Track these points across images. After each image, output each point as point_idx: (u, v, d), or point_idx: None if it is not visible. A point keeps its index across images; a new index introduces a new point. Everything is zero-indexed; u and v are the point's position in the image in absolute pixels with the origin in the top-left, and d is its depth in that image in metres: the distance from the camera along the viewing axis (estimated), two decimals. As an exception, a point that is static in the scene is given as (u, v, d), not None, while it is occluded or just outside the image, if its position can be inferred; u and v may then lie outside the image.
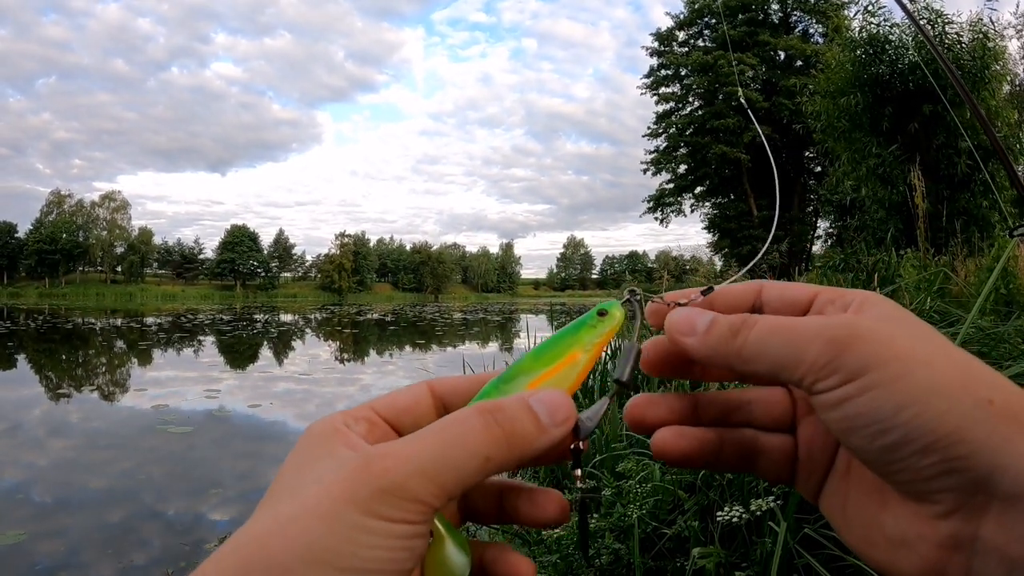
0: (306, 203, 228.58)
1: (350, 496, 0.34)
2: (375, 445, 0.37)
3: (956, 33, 12.41)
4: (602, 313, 0.45)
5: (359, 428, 0.40)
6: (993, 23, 12.93)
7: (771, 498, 2.17)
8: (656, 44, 42.82)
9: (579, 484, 0.44)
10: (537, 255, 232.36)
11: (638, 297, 0.47)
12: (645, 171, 43.41)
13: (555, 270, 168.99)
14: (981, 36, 12.52)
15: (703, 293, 0.47)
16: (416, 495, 0.34)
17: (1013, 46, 18.95)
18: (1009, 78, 15.20)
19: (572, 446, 0.42)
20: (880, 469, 0.37)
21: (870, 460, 0.37)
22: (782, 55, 40.75)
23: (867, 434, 0.35)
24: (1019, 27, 19.41)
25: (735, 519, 2.15)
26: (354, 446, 0.38)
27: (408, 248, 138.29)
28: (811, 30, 40.92)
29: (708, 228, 41.80)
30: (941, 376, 0.35)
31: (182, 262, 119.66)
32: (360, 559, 0.33)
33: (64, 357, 16.41)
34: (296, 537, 0.33)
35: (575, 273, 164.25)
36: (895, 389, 0.34)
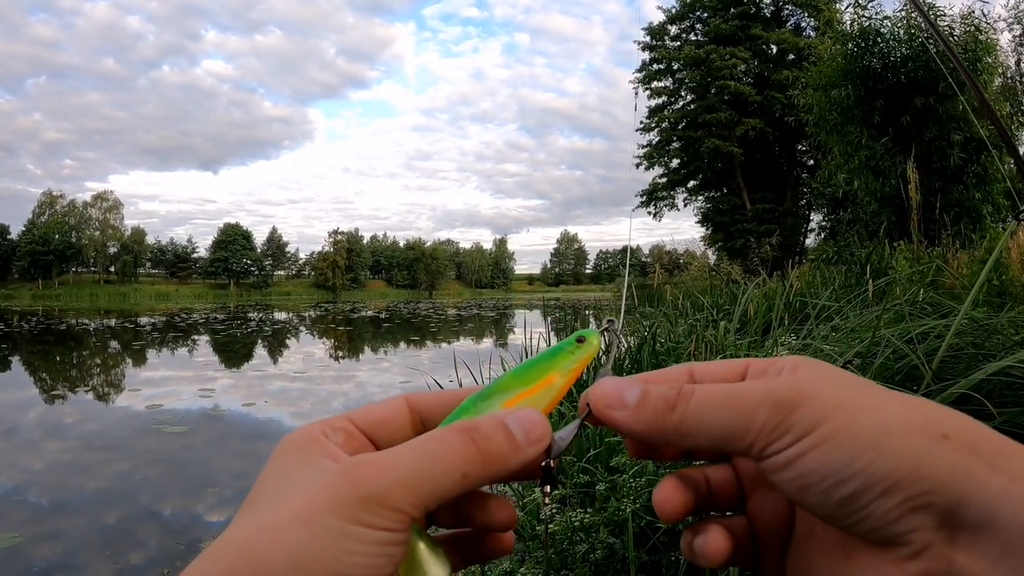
0: (299, 201, 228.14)
1: (333, 503, 0.34)
2: (356, 456, 0.38)
3: (948, 26, 12.46)
4: (581, 340, 0.46)
5: (337, 438, 0.41)
6: (984, 16, 12.97)
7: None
8: (648, 38, 42.83)
9: (546, 500, 0.45)
10: (531, 250, 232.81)
11: (616, 327, 0.49)
12: (638, 165, 43.53)
13: (549, 265, 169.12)
14: (973, 29, 12.57)
15: (606, 326, 0.48)
16: (396, 504, 0.35)
17: (1004, 39, 19.01)
18: (1001, 71, 15.26)
19: (543, 463, 0.42)
20: (842, 522, 0.36)
21: (830, 515, 0.36)
22: (774, 49, 40.78)
23: (824, 488, 0.35)
24: (1010, 20, 19.45)
25: (729, 512, 2.16)
26: (334, 456, 0.39)
27: (402, 245, 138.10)
28: (803, 24, 40.96)
29: (701, 222, 41.88)
30: (891, 418, 0.35)
31: (175, 261, 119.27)
32: (342, 564, 0.34)
33: (58, 359, 16.37)
34: (281, 544, 0.33)
35: (569, 268, 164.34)
36: (846, 438, 0.34)
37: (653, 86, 42.57)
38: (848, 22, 13.87)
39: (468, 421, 0.39)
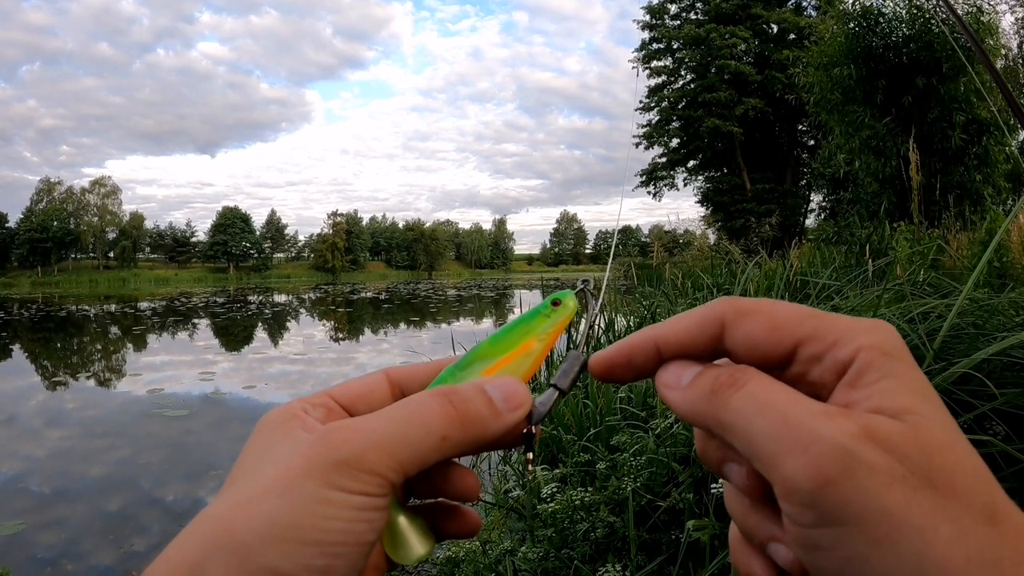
0: (297, 183, 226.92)
1: (308, 469, 0.34)
2: (331, 422, 0.38)
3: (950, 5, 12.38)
4: (556, 303, 0.46)
5: (316, 414, 0.41)
6: (987, -2, 12.92)
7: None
8: (648, 17, 42.63)
9: (530, 467, 0.45)
10: (530, 230, 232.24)
11: (591, 287, 0.48)
12: (637, 145, 43.45)
13: (548, 245, 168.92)
14: (975, 10, 12.51)
15: (581, 286, 0.47)
16: (373, 467, 0.35)
17: (1007, 21, 18.95)
18: (1003, 52, 15.20)
19: (524, 431, 0.42)
20: None
21: None
22: (775, 28, 40.62)
23: None
24: (1012, 3, 19.36)
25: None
26: (312, 429, 0.38)
27: (401, 226, 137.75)
28: (804, 2, 40.78)
29: (701, 202, 41.86)
30: (933, 554, 0.28)
31: (174, 246, 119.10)
32: (320, 531, 0.33)
33: (59, 345, 16.41)
34: (256, 515, 0.33)
35: (569, 248, 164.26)
36: (873, 558, 0.29)
37: (653, 65, 42.43)
38: (850, 1, 13.81)
39: (446, 386, 0.39)
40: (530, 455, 0.43)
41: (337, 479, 0.34)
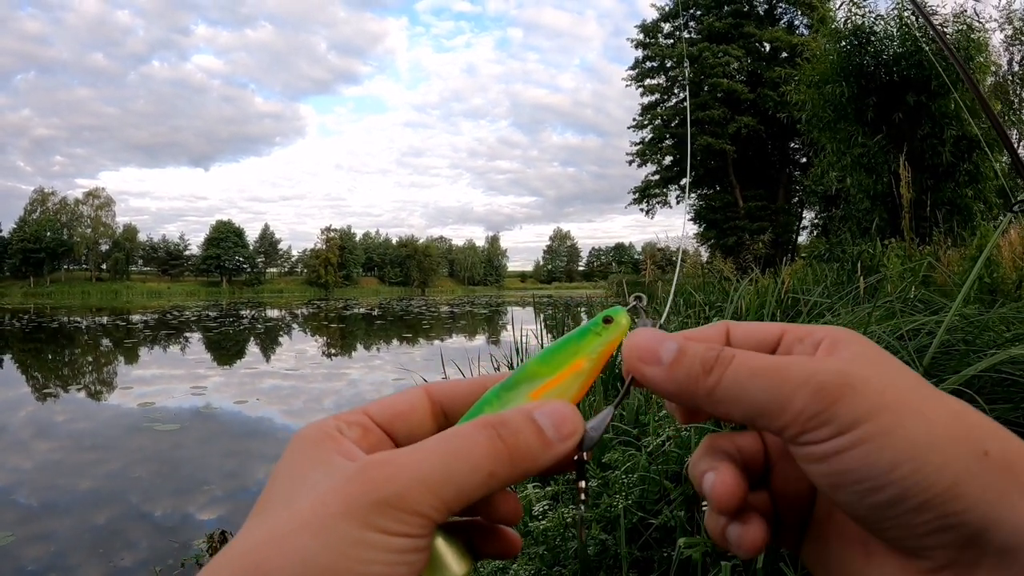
0: (291, 197, 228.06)
1: (346, 508, 0.32)
2: (373, 454, 0.36)
3: (940, 24, 12.48)
4: (607, 320, 0.43)
5: (352, 433, 0.39)
6: (977, 15, 13.02)
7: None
8: (641, 36, 42.84)
9: (582, 497, 0.43)
10: (524, 247, 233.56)
11: (643, 304, 0.45)
12: (631, 163, 43.56)
13: (541, 262, 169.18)
14: (965, 27, 12.62)
15: (634, 303, 0.45)
16: (416, 507, 0.33)
17: (996, 39, 19.09)
18: (993, 69, 15.31)
19: (576, 457, 0.40)
20: (869, 525, 0.35)
21: (859, 516, 0.35)
22: (767, 46, 40.87)
23: (858, 491, 0.33)
24: (1002, 20, 19.51)
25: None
26: (349, 454, 0.37)
27: (394, 242, 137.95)
28: (796, 21, 41.06)
29: (694, 219, 41.93)
30: (937, 427, 0.33)
31: (167, 259, 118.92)
32: (357, 575, 0.31)
33: (50, 357, 16.32)
34: (289, 553, 0.31)
35: (562, 265, 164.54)
36: (890, 442, 0.32)
37: (646, 83, 42.63)
38: (841, 20, 13.91)
39: (494, 416, 0.37)
40: (582, 483, 0.42)
41: (377, 520, 0.32)
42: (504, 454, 0.36)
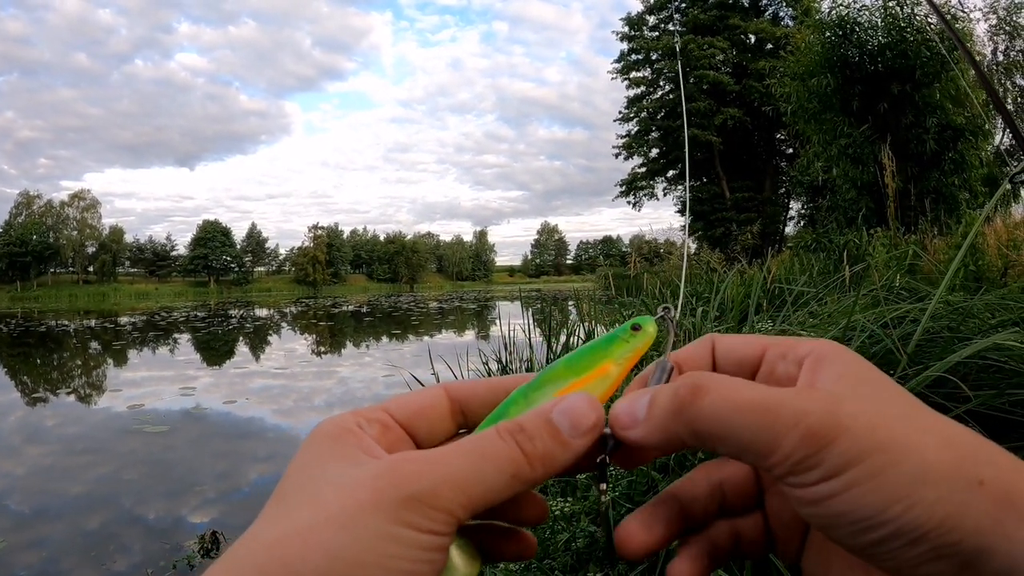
0: (277, 196, 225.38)
1: (376, 502, 0.33)
2: (403, 452, 0.37)
3: (925, 15, 12.55)
4: (636, 328, 0.44)
5: (372, 430, 0.39)
6: (962, 5, 13.10)
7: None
8: (626, 28, 42.88)
9: (603, 498, 0.43)
10: (511, 242, 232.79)
11: (672, 315, 0.46)
12: (617, 155, 43.68)
13: (530, 256, 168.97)
14: (950, 18, 12.69)
15: (662, 314, 0.46)
16: (446, 504, 0.34)
17: (981, 28, 19.20)
18: (977, 59, 15.39)
19: (599, 459, 0.41)
20: (864, 558, 0.34)
21: (853, 550, 0.34)
22: (752, 38, 40.96)
23: (851, 531, 0.33)
24: (986, 10, 19.63)
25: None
26: (370, 450, 0.37)
27: (382, 238, 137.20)
28: (781, 13, 41.14)
29: (681, 211, 42.05)
30: (929, 461, 0.32)
31: (154, 260, 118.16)
32: (384, 570, 0.32)
33: (38, 361, 16.22)
34: (316, 546, 0.32)
35: (550, 259, 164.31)
36: (881, 483, 0.32)
37: (632, 76, 42.69)
38: (826, 11, 13.96)
39: (512, 422, 0.38)
40: (604, 486, 0.42)
41: (406, 515, 0.33)
42: (522, 460, 0.36)
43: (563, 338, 6.61)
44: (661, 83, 42.18)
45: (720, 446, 0.35)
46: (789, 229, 36.37)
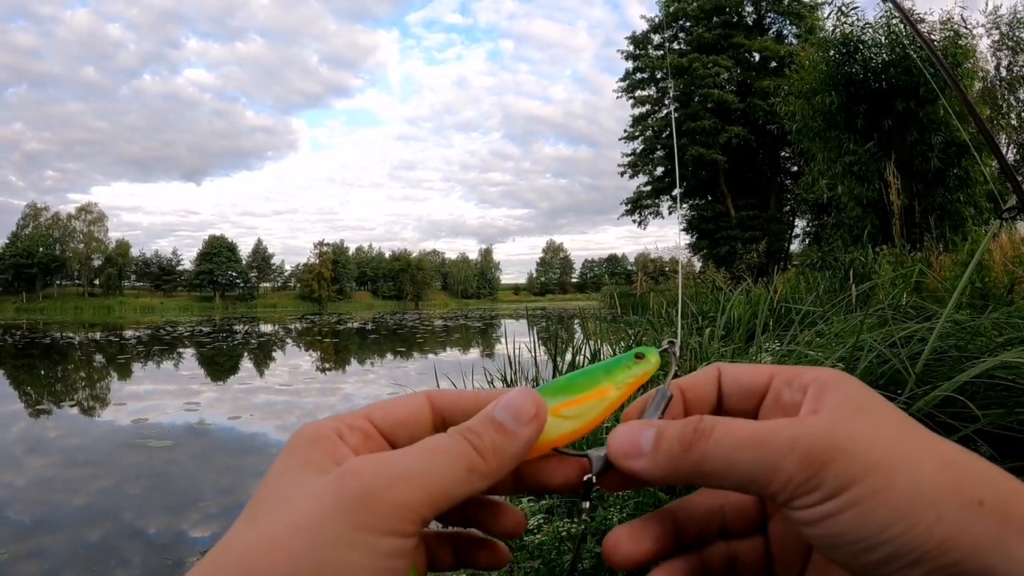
0: (283, 212, 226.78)
1: (335, 507, 0.33)
2: (358, 457, 0.37)
3: (927, 32, 12.57)
4: (639, 356, 0.45)
5: (352, 438, 0.39)
6: (964, 21, 13.13)
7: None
8: (631, 47, 43.07)
9: (584, 516, 0.44)
10: (517, 260, 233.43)
11: (676, 350, 0.47)
12: (622, 174, 43.75)
13: (535, 275, 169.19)
14: (952, 34, 12.71)
15: (666, 346, 0.47)
16: (403, 499, 0.34)
17: (984, 44, 19.24)
18: (980, 75, 15.43)
19: (585, 478, 0.42)
20: None
21: (855, 572, 0.35)
22: (756, 56, 41.09)
23: (852, 552, 0.34)
24: (988, 26, 19.69)
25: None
26: (341, 458, 0.37)
27: (387, 256, 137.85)
28: (785, 31, 41.32)
29: (686, 230, 42.06)
30: (927, 482, 0.33)
31: (160, 274, 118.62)
32: None
33: (43, 373, 16.23)
34: (279, 553, 0.32)
35: (555, 277, 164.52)
36: (880, 503, 0.33)
37: (637, 95, 42.83)
38: (830, 29, 14.00)
39: (461, 424, 0.39)
40: (586, 504, 0.43)
41: (366, 516, 0.33)
42: (473, 454, 0.37)
43: (568, 357, 6.58)
44: (666, 101, 42.30)
45: (724, 482, 0.37)
46: (794, 247, 36.37)
